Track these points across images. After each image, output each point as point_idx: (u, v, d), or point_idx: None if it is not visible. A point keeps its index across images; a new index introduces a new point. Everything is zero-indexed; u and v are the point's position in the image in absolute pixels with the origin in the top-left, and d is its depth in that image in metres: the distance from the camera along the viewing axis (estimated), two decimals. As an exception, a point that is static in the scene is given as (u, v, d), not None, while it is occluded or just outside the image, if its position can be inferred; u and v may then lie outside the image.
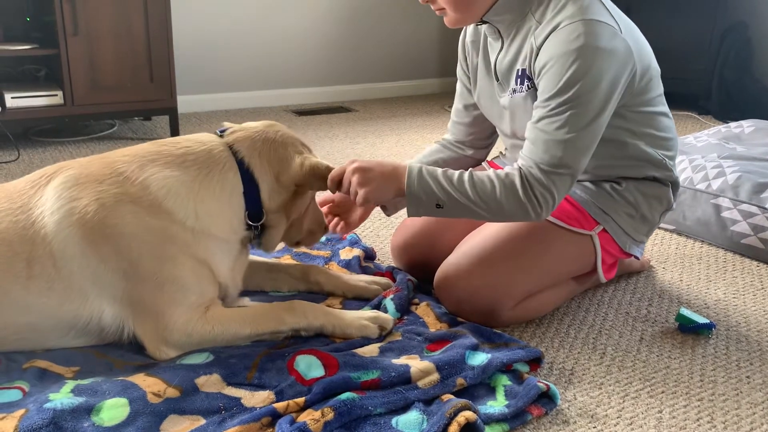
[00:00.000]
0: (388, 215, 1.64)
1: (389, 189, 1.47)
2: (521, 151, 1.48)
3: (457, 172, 1.47)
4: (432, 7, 1.53)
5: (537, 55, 1.46)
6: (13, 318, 1.35)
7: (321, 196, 1.73)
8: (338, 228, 1.73)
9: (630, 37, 1.45)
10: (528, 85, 1.51)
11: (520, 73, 1.53)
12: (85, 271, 1.35)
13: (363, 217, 1.77)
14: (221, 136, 1.51)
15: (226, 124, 1.55)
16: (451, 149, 1.86)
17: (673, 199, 1.69)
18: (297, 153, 1.51)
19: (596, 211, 1.62)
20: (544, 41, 1.43)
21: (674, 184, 1.69)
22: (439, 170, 1.47)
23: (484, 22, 1.55)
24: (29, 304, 1.35)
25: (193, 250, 1.40)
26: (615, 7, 1.50)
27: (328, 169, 1.50)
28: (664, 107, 1.63)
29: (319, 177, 1.51)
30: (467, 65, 1.75)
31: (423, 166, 1.48)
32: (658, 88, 1.60)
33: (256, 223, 1.49)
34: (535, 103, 1.46)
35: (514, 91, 1.55)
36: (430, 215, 1.49)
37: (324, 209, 1.72)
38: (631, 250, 1.68)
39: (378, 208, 1.85)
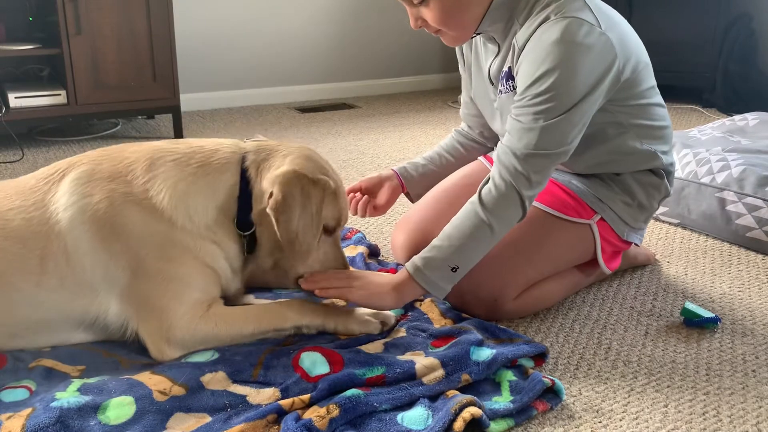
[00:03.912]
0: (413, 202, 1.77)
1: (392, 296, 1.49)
2: (500, 141, 1.52)
3: (439, 235, 1.49)
4: (427, 30, 1.58)
5: (519, 56, 1.50)
6: (25, 314, 1.37)
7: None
8: (367, 210, 1.82)
9: (614, 33, 1.46)
10: (512, 85, 1.55)
11: (504, 74, 1.58)
12: (97, 267, 1.37)
13: (390, 201, 1.84)
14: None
15: (260, 137, 1.57)
16: (468, 137, 1.93)
17: (669, 186, 1.71)
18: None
19: (593, 200, 1.64)
20: (526, 42, 1.47)
21: (667, 172, 1.70)
22: (428, 247, 1.49)
23: (479, 34, 1.59)
24: (41, 300, 1.37)
25: (195, 252, 1.41)
26: (599, 3, 1.51)
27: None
28: (658, 98, 1.65)
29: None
30: (464, 61, 1.80)
31: (415, 258, 1.49)
32: (650, 80, 1.61)
33: (244, 232, 1.45)
34: (514, 98, 1.49)
35: (501, 92, 1.60)
36: (456, 281, 1.49)
37: (350, 195, 1.82)
38: (630, 238, 1.70)
39: (403, 196, 1.92)
